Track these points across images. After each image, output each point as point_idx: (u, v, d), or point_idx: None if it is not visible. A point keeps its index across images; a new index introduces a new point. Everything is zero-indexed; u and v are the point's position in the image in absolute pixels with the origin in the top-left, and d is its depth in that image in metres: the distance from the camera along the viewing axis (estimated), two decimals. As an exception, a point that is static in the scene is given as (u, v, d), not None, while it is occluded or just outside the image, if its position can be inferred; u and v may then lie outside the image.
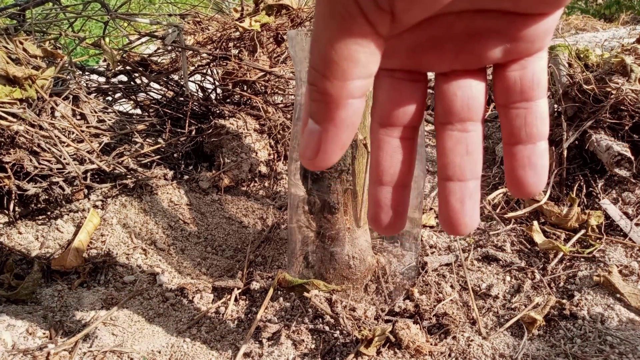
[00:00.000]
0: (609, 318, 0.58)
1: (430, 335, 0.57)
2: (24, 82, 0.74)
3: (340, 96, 0.21)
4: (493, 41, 0.22)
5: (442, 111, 0.24)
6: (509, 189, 0.24)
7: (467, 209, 0.24)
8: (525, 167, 0.23)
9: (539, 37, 0.22)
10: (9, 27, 0.85)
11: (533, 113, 0.23)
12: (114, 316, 0.61)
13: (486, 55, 0.23)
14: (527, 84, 0.23)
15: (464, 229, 0.24)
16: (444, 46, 0.23)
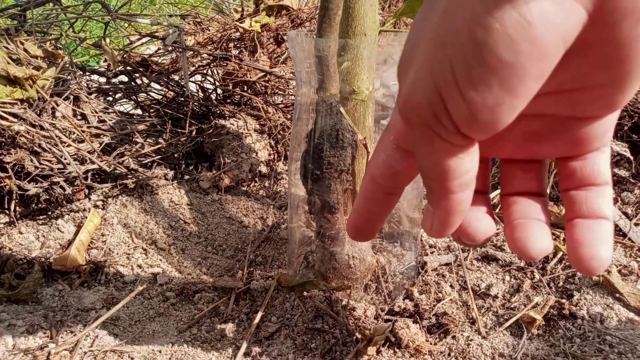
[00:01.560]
0: (608, 318, 0.58)
1: (430, 334, 0.57)
2: (25, 82, 0.74)
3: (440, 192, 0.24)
4: (551, 142, 0.24)
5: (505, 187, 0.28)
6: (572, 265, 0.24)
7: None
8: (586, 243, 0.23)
9: (597, 137, 0.24)
10: (10, 27, 0.85)
11: (594, 192, 0.25)
12: (114, 316, 0.62)
13: (544, 153, 0.25)
14: (587, 173, 0.25)
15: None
16: (504, 144, 0.25)
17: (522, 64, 0.19)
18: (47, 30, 0.96)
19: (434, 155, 0.22)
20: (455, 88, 0.20)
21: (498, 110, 0.20)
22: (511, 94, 0.20)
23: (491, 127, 0.21)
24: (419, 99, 0.21)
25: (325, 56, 0.52)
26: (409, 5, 0.56)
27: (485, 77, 0.19)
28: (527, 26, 0.18)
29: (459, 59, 0.19)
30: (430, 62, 0.20)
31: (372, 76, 0.54)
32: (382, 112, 0.61)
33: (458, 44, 0.19)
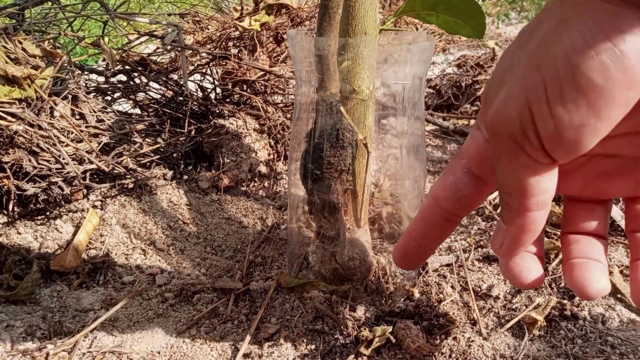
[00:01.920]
0: (610, 318, 0.58)
1: (431, 335, 0.57)
2: (23, 81, 0.74)
3: (517, 208, 0.25)
4: (620, 182, 0.25)
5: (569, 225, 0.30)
6: (635, 303, 0.26)
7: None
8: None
9: None
10: (8, 26, 0.84)
11: None
12: (113, 317, 0.61)
13: (612, 192, 0.26)
14: None
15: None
16: (574, 179, 0.27)
17: (611, 89, 0.20)
18: (46, 30, 0.96)
19: (517, 170, 0.23)
20: (545, 104, 0.21)
21: (582, 131, 0.21)
22: (597, 115, 0.21)
23: (573, 148, 0.22)
24: (509, 113, 0.22)
25: (325, 55, 0.52)
26: (410, 4, 0.55)
27: (575, 96, 0.20)
28: (620, 56, 0.19)
29: (552, 78, 0.21)
30: (525, 81, 0.22)
31: (373, 75, 0.53)
32: (382, 111, 0.60)
33: (554, 66, 0.21)
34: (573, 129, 0.21)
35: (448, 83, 1.48)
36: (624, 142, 0.24)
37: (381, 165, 0.66)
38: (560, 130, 0.21)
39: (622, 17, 0.20)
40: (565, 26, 0.21)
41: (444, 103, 1.47)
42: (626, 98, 0.20)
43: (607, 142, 0.23)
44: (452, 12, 0.54)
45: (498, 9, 3.67)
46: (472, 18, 0.54)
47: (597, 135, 0.22)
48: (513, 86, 0.22)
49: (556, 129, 0.21)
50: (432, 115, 1.36)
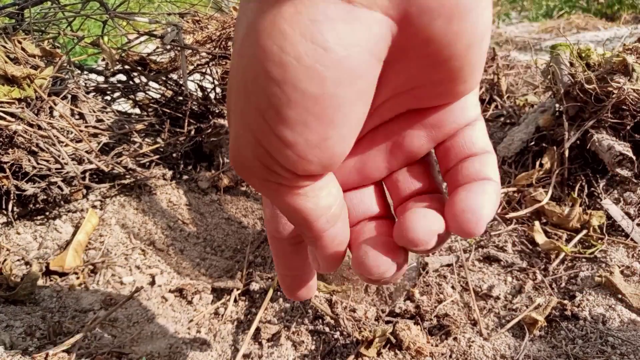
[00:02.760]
0: (611, 319, 0.58)
1: (431, 336, 0.57)
2: (23, 81, 0.74)
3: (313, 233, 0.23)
4: (416, 135, 0.23)
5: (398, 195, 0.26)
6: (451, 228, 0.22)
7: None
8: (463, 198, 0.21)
9: (457, 118, 0.22)
10: (8, 26, 0.84)
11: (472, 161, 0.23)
12: (112, 317, 0.61)
13: (416, 150, 0.23)
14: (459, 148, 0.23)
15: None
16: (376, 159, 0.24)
17: (332, 92, 0.17)
18: (45, 29, 0.96)
19: (288, 202, 0.21)
20: (273, 136, 0.18)
21: (327, 145, 0.19)
22: (333, 125, 0.18)
23: (328, 160, 0.19)
24: (245, 156, 0.19)
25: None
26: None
27: (298, 116, 0.17)
28: (325, 53, 0.16)
29: (265, 105, 0.17)
30: (243, 116, 0.19)
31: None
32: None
33: (260, 90, 0.17)
34: (315, 148, 0.18)
35: (448, 83, 1.47)
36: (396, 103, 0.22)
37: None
38: (303, 155, 0.18)
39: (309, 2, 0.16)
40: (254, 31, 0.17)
41: (444, 103, 1.47)
42: (355, 92, 0.18)
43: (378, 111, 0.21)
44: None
45: (498, 8, 3.67)
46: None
47: (348, 139, 0.19)
48: (236, 122, 0.19)
49: (298, 156, 0.18)
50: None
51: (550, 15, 3.38)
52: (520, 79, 1.52)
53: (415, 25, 0.17)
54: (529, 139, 0.98)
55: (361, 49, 0.17)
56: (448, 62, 0.19)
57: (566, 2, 3.43)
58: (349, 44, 0.17)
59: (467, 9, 0.17)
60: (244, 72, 0.18)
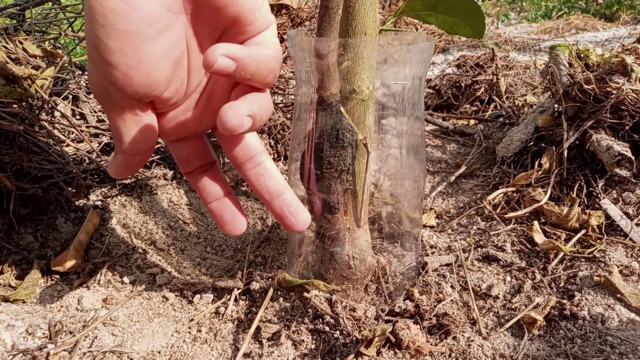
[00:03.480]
0: (610, 318, 0.58)
1: (431, 335, 0.57)
2: (24, 81, 0.74)
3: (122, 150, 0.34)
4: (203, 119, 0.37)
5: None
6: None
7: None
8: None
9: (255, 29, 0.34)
10: (9, 26, 0.84)
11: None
12: (113, 316, 0.61)
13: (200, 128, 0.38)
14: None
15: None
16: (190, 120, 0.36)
17: (137, 29, 0.27)
18: (46, 30, 0.96)
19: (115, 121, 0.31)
20: (104, 64, 0.28)
21: (142, 66, 0.28)
22: (142, 52, 0.28)
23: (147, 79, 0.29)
24: (94, 84, 0.29)
25: (325, 55, 0.52)
26: (409, 5, 0.55)
27: (118, 45, 0.27)
28: (128, 6, 0.27)
29: (96, 41, 0.27)
30: (89, 54, 0.28)
31: (373, 75, 0.53)
32: (382, 111, 0.60)
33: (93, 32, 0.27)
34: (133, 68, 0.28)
35: (448, 83, 1.48)
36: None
37: (381, 165, 0.67)
38: (125, 73, 0.28)
39: None
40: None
41: (444, 103, 1.47)
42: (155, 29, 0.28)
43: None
44: (451, 12, 0.54)
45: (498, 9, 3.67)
46: (472, 18, 0.54)
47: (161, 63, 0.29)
48: (89, 63, 0.29)
49: (123, 75, 0.28)
50: (432, 115, 1.37)
51: (549, 16, 3.38)
52: (519, 79, 1.52)
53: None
54: (528, 139, 0.98)
55: (154, 3, 0.27)
56: (225, 8, 0.29)
57: (565, 2, 3.43)
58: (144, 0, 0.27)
59: None
60: (86, 25, 0.27)
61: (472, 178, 1.02)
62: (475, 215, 0.87)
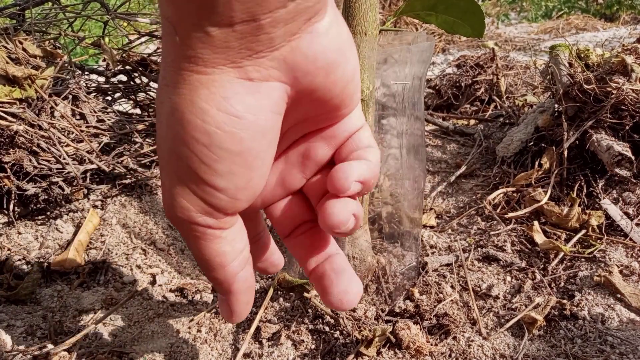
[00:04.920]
0: (610, 318, 0.58)
1: (431, 335, 0.57)
2: (24, 81, 0.74)
3: (227, 278, 0.27)
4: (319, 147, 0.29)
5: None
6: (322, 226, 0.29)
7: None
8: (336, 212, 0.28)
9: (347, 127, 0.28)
10: (9, 27, 0.84)
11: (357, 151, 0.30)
12: (113, 316, 0.61)
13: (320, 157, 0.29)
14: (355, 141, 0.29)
15: None
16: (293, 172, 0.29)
17: (249, 147, 0.22)
18: (46, 30, 0.96)
19: (209, 246, 0.25)
20: (206, 185, 0.23)
21: (251, 185, 0.24)
22: (253, 169, 0.23)
23: (253, 195, 0.25)
24: (180, 204, 0.24)
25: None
26: (409, 4, 0.55)
27: (226, 168, 0.22)
28: (238, 120, 0.22)
29: (197, 163, 0.22)
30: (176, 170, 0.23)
31: (373, 75, 0.53)
32: (382, 111, 0.60)
33: (190, 152, 0.22)
34: (243, 188, 0.23)
35: (448, 83, 1.48)
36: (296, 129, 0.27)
37: (381, 165, 0.66)
38: (233, 196, 0.23)
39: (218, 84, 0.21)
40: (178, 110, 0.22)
41: (444, 103, 1.47)
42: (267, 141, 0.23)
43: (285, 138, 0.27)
44: (451, 11, 0.54)
45: (498, 9, 3.67)
46: (472, 17, 0.54)
47: (265, 174, 0.25)
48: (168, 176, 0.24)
49: (230, 197, 0.23)
50: (432, 115, 1.37)
51: (549, 16, 3.38)
52: (519, 79, 1.52)
53: (302, 83, 0.23)
54: (528, 139, 0.98)
55: (266, 111, 0.22)
56: (330, 100, 0.25)
57: (565, 2, 3.43)
58: (255, 110, 0.22)
59: (336, 64, 0.23)
60: (173, 140, 0.22)
61: (472, 178, 1.02)
62: (476, 215, 0.87)
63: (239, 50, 0.21)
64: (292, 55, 0.22)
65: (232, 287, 0.27)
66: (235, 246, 0.26)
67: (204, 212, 0.24)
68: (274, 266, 0.34)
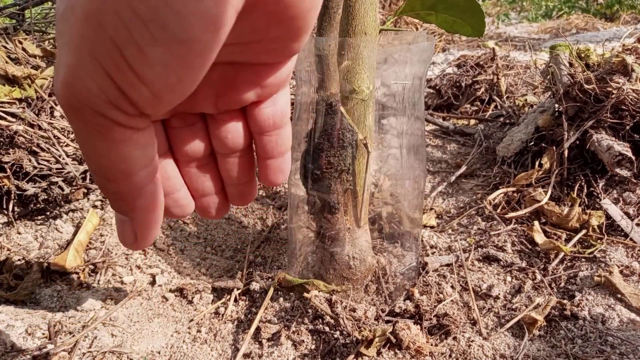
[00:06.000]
0: (610, 318, 0.58)
1: (431, 335, 0.57)
2: (23, 81, 0.74)
3: (131, 191, 0.22)
4: (246, 88, 0.25)
5: (218, 147, 0.28)
6: (264, 184, 0.30)
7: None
8: (277, 172, 0.29)
9: (282, 79, 0.25)
10: (9, 26, 0.84)
11: (282, 136, 0.28)
12: (113, 316, 0.61)
13: (242, 99, 0.25)
14: (277, 117, 0.27)
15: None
16: (205, 93, 0.25)
17: (197, 38, 0.18)
18: (46, 30, 0.96)
19: (115, 148, 0.20)
20: (130, 71, 0.18)
21: (181, 87, 0.19)
22: (191, 68, 0.19)
23: (176, 100, 0.20)
24: (87, 86, 0.18)
25: (325, 55, 0.52)
26: (409, 4, 0.55)
27: (161, 56, 0.18)
28: (196, 1, 0.17)
29: (125, 40, 0.17)
30: (90, 44, 0.18)
31: (373, 75, 0.53)
32: (382, 111, 0.60)
33: (121, 24, 0.17)
34: (170, 87, 0.19)
35: (448, 83, 1.48)
36: (233, 51, 0.23)
37: (381, 165, 0.66)
38: (157, 94, 0.19)
39: None
40: None
41: (444, 103, 1.47)
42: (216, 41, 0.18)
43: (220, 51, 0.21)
44: (451, 11, 0.54)
45: (498, 8, 3.67)
46: (472, 17, 0.54)
47: (197, 81, 0.20)
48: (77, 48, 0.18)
49: (153, 94, 0.19)
50: (432, 115, 1.36)
51: (549, 16, 3.38)
52: (519, 79, 1.52)
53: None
54: (529, 139, 0.98)
55: (226, 2, 0.18)
56: (291, 20, 0.21)
57: (565, 2, 3.43)
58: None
59: None
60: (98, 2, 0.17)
61: (473, 178, 1.02)
62: (476, 215, 0.87)
63: None
64: None
65: (137, 203, 0.23)
66: (146, 152, 0.21)
67: (113, 104, 0.19)
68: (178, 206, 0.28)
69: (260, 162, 0.29)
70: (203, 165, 0.28)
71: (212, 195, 0.30)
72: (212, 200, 0.30)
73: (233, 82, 0.25)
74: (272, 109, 0.27)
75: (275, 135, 0.28)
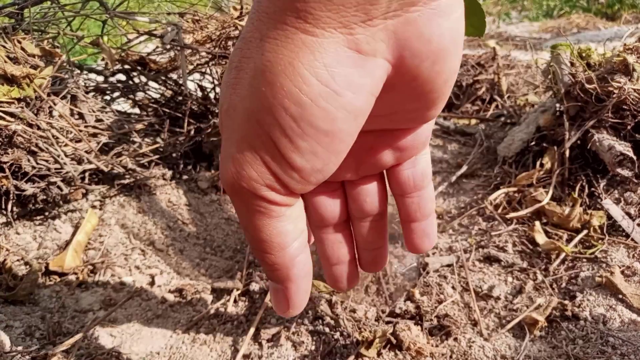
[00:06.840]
0: (611, 319, 0.58)
1: (432, 336, 0.57)
2: (22, 81, 0.74)
3: (286, 261, 0.24)
4: (385, 152, 0.27)
5: (356, 210, 0.29)
6: (409, 250, 0.30)
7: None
8: (422, 237, 0.29)
9: (420, 142, 0.27)
10: (7, 26, 0.84)
11: (424, 198, 0.28)
12: (112, 317, 0.61)
13: (381, 163, 0.27)
14: (418, 178, 0.28)
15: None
16: (347, 162, 0.26)
17: (340, 128, 0.20)
18: (45, 29, 0.95)
19: (268, 224, 0.23)
20: (282, 160, 0.20)
21: (327, 169, 0.22)
22: (336, 153, 0.21)
23: (321, 181, 0.23)
24: (248, 173, 0.21)
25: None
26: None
27: (309, 146, 0.20)
28: (336, 96, 0.19)
29: (278, 134, 0.20)
30: (250, 138, 0.21)
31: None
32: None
33: (275, 121, 0.19)
34: (318, 172, 0.21)
35: (448, 82, 1.47)
36: (373, 122, 0.24)
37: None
38: (306, 178, 0.21)
39: (324, 50, 0.18)
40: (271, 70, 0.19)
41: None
42: (356, 126, 0.21)
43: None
44: (452, 11, 0.53)
45: (499, 8, 3.66)
46: (472, 16, 0.53)
47: (339, 162, 0.22)
48: (238, 142, 0.21)
49: (303, 178, 0.21)
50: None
51: (550, 15, 3.38)
52: (520, 78, 1.52)
53: (407, 66, 0.20)
54: (530, 139, 0.98)
55: (365, 92, 0.20)
56: (428, 94, 0.22)
57: (567, 1, 3.43)
58: (356, 89, 0.19)
59: (449, 53, 0.21)
60: (256, 102, 0.20)
61: (474, 178, 1.02)
62: (477, 215, 0.86)
63: (355, 12, 0.18)
64: (404, 30, 0.19)
65: (290, 273, 0.25)
66: (297, 225, 0.24)
67: (270, 187, 0.21)
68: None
69: (404, 226, 0.30)
70: (339, 232, 0.30)
71: (344, 264, 0.30)
72: (344, 269, 0.31)
73: (372, 148, 0.26)
74: (412, 171, 0.28)
75: (417, 197, 0.28)
